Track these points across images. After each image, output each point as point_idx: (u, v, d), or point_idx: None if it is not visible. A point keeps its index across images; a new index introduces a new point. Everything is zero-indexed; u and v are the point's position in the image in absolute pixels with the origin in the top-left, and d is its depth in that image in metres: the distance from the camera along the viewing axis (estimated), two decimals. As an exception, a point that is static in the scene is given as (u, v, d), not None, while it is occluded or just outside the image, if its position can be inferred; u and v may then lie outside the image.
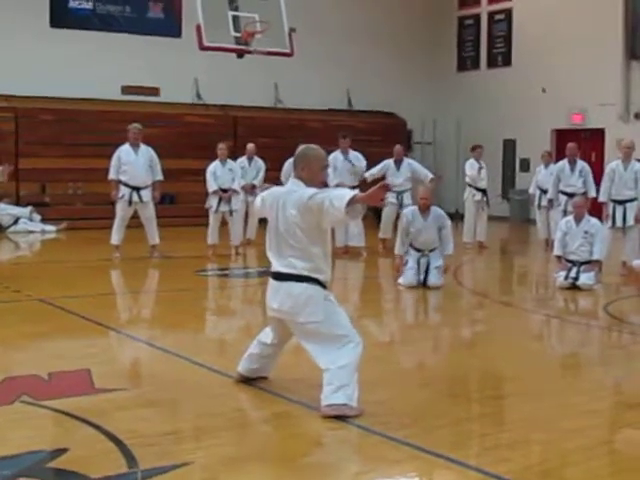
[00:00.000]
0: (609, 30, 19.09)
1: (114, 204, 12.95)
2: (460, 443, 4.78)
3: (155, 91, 19.86)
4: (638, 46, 19.05)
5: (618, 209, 11.88)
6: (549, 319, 9.12)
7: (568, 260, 10.66)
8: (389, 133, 20.92)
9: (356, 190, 5.98)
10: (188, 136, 19.03)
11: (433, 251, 10.53)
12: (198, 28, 14.23)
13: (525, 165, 21.11)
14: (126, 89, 19.53)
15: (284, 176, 12.97)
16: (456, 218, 17.82)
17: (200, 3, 14.10)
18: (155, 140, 13.94)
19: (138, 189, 12.71)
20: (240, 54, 14.85)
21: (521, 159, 21.50)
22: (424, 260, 10.47)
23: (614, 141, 17.79)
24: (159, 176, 12.92)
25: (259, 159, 14.89)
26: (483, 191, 15.49)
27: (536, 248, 15.76)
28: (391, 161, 14.36)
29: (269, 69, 19.04)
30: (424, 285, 10.36)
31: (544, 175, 15.24)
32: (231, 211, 13.53)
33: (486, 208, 15.55)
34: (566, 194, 13.42)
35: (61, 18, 19.00)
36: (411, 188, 14.40)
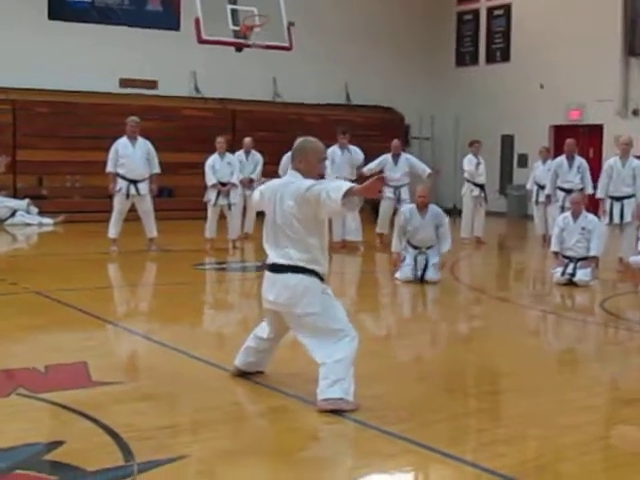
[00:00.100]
0: (608, 26, 19.08)
1: (112, 197, 12.93)
2: (456, 438, 4.79)
3: (153, 84, 19.84)
4: (636, 42, 19.04)
5: (616, 206, 11.89)
6: (546, 315, 9.12)
7: (565, 256, 10.67)
8: (387, 128, 20.90)
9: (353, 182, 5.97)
10: (186, 129, 19.01)
11: (430, 248, 10.53)
12: (197, 21, 14.21)
13: (523, 161, 21.11)
14: (124, 82, 19.51)
15: (282, 170, 12.97)
16: (454, 213, 17.83)
17: (199, -4, 14.11)
18: (153, 133, 13.92)
19: (136, 182, 12.69)
20: (239, 48, 14.83)
21: (519, 155, 21.51)
22: (421, 257, 10.47)
23: (612, 137, 17.81)
24: (156, 169, 12.90)
25: (257, 153, 14.88)
26: (481, 186, 15.48)
27: (533, 244, 15.77)
28: (389, 156, 14.36)
29: (267, 63, 19.03)
30: (421, 280, 10.37)
31: (542, 171, 15.25)
32: (230, 205, 13.53)
33: (484, 204, 15.54)
34: (564, 190, 13.45)
35: (59, 11, 18.97)
36: (409, 183, 14.41)
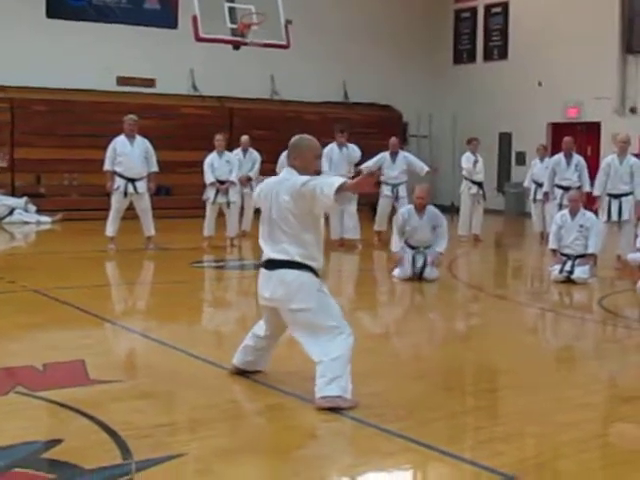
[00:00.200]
0: (605, 24, 19.08)
1: (109, 195, 12.92)
2: (455, 436, 4.79)
3: (151, 82, 19.81)
4: (634, 40, 19.05)
5: (614, 203, 11.89)
6: (544, 312, 9.13)
7: (563, 254, 10.67)
8: (385, 126, 20.89)
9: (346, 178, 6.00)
10: (184, 127, 18.99)
11: (428, 248, 10.54)
12: (194, 19, 14.20)
13: (521, 158, 21.10)
14: (122, 80, 19.48)
15: (280, 168, 12.92)
16: (452, 211, 17.84)
17: (196, -6, 14.09)
18: (151, 131, 13.90)
19: (133, 180, 12.69)
20: (236, 46, 14.82)
21: (517, 152, 21.50)
22: (419, 256, 10.48)
23: (610, 135, 17.79)
24: (154, 167, 12.89)
25: (254, 151, 14.87)
26: (479, 184, 15.48)
27: (531, 241, 15.77)
28: (387, 154, 14.37)
29: (265, 61, 19.01)
30: (419, 278, 10.37)
31: (539, 169, 15.26)
32: (228, 203, 13.54)
33: (482, 201, 15.55)
34: (562, 188, 13.47)
35: (57, 9, 18.94)
36: (407, 181, 14.42)
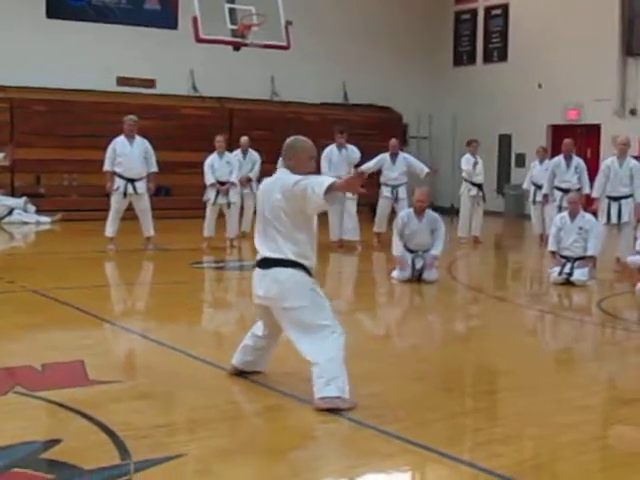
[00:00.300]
0: (605, 26, 19.09)
1: (109, 196, 12.92)
2: (454, 437, 4.79)
3: (151, 83, 19.81)
4: (634, 42, 19.06)
5: (613, 205, 11.89)
6: (543, 314, 9.13)
7: (562, 256, 10.67)
8: (385, 127, 20.90)
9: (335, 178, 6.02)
10: (184, 128, 18.99)
11: (427, 252, 10.53)
12: (194, 20, 14.20)
13: (521, 160, 21.10)
14: (122, 80, 19.48)
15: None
16: (451, 213, 17.85)
17: (197, -5, 14.10)
18: (150, 132, 13.90)
19: (133, 181, 12.68)
20: (236, 47, 14.82)
21: (517, 154, 21.50)
22: (419, 260, 10.48)
23: (610, 137, 17.79)
24: (154, 168, 12.89)
25: (254, 152, 14.87)
26: (479, 186, 15.48)
27: (531, 243, 15.77)
28: (387, 155, 14.37)
29: (265, 62, 19.01)
30: (418, 279, 10.37)
31: (539, 170, 15.26)
32: (229, 204, 13.55)
33: (482, 203, 15.54)
34: (561, 190, 13.47)
35: (57, 9, 18.94)
36: (406, 182, 14.42)
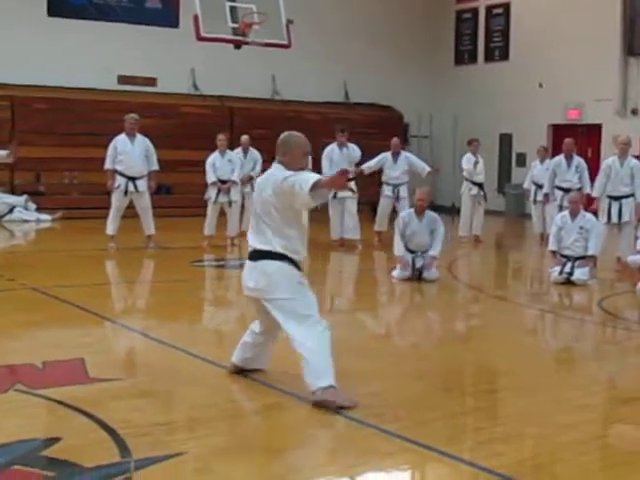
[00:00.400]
0: (607, 26, 19.07)
1: (110, 194, 12.92)
2: (454, 437, 4.79)
3: (152, 81, 19.80)
4: (635, 42, 19.04)
5: (614, 205, 11.88)
6: (543, 314, 9.13)
7: (563, 255, 10.67)
8: (386, 126, 20.89)
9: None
10: (184, 127, 18.99)
11: (426, 252, 10.53)
12: (195, 18, 14.19)
13: (521, 160, 21.09)
14: (122, 79, 19.48)
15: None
16: (452, 212, 17.84)
17: (198, -7, 14.08)
18: (151, 130, 13.90)
19: (134, 179, 12.69)
20: (237, 45, 14.80)
21: (517, 153, 21.49)
22: (418, 259, 10.48)
23: (611, 137, 17.78)
24: (155, 166, 12.90)
25: (255, 151, 14.85)
26: (480, 185, 15.47)
27: (531, 243, 15.76)
28: (388, 154, 14.36)
29: (266, 60, 19.00)
30: (418, 279, 10.37)
31: (539, 170, 15.25)
32: (230, 202, 13.56)
33: (483, 202, 15.52)
34: (562, 189, 13.46)
35: (58, 7, 18.94)
36: (408, 181, 14.41)
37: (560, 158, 13.82)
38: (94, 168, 14.83)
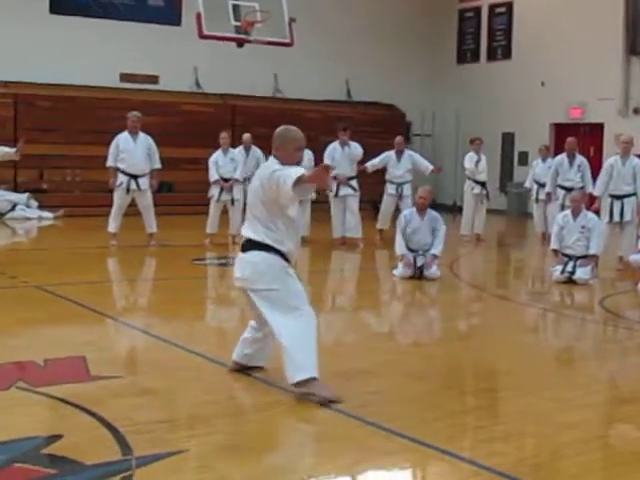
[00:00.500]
0: (609, 25, 19.06)
1: (112, 192, 12.94)
2: (454, 435, 4.79)
3: (154, 79, 19.83)
4: (638, 41, 19.03)
5: (616, 204, 11.89)
6: (545, 313, 9.13)
7: (564, 254, 10.67)
8: (388, 125, 20.90)
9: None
10: (187, 125, 19.01)
11: (428, 251, 10.53)
12: (198, 16, 14.20)
13: (524, 158, 21.08)
14: (125, 77, 19.50)
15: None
16: (454, 211, 17.83)
17: (200, -9, 14.10)
18: (153, 128, 13.92)
19: (136, 177, 12.70)
20: (240, 43, 14.81)
21: (520, 152, 21.49)
22: (420, 257, 10.48)
23: (613, 136, 17.79)
24: (157, 164, 12.92)
25: (257, 149, 14.86)
26: (482, 184, 15.46)
27: (533, 242, 15.76)
28: (392, 152, 14.35)
29: (269, 59, 19.01)
30: (420, 277, 10.37)
31: (541, 169, 15.25)
32: (232, 200, 13.58)
33: (485, 201, 15.50)
34: (564, 188, 13.47)
35: (61, 5, 18.96)
36: (411, 180, 14.39)
37: (562, 157, 13.82)
38: (96, 166, 14.86)
